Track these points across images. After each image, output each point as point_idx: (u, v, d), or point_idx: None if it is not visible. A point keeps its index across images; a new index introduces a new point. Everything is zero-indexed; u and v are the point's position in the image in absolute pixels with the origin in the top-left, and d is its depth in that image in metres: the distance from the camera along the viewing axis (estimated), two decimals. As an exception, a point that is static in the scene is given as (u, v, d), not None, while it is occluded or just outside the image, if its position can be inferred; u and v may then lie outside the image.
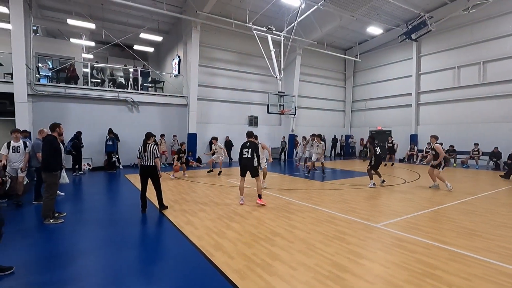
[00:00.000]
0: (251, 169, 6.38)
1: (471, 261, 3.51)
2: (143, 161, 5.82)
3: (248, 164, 6.38)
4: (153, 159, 5.77)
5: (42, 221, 5.15)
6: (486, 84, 15.14)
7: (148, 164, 5.78)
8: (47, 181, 5.25)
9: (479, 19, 15.16)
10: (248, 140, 6.69)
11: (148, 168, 5.79)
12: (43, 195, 5.37)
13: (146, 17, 15.41)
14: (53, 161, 5.26)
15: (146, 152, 5.79)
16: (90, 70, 13.76)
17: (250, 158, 6.34)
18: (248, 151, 6.39)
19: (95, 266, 3.53)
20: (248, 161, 6.36)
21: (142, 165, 5.83)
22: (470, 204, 6.50)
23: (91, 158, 12.70)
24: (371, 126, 21.61)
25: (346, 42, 20.80)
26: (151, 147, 5.81)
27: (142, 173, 5.85)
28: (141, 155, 5.86)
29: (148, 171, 5.80)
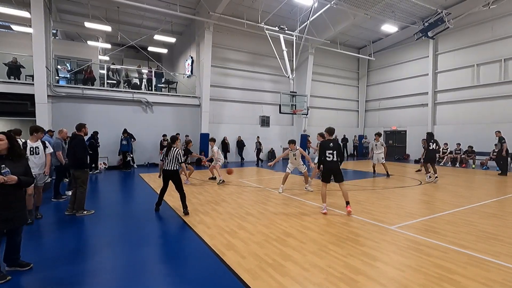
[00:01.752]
0: (336, 173, 5.73)
1: (491, 266, 3.38)
2: (165, 165, 5.67)
3: (334, 168, 5.71)
4: (176, 164, 5.63)
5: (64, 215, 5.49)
6: (508, 83, 14.54)
7: (169, 168, 5.62)
8: (81, 177, 5.61)
9: (500, 15, 14.57)
10: (331, 139, 5.84)
11: (169, 172, 5.63)
12: (78, 190, 5.61)
13: (160, 19, 15.68)
14: (85, 158, 5.70)
15: (169, 156, 5.63)
16: (106, 71, 14.14)
17: (335, 161, 5.70)
18: (333, 153, 5.68)
19: (110, 262, 3.62)
20: (334, 164, 5.71)
21: (164, 169, 5.67)
22: (490, 207, 6.26)
23: (107, 157, 13.04)
24: (386, 126, 21.17)
25: (359, 40, 20.46)
26: (175, 152, 5.64)
27: (164, 177, 5.73)
28: (164, 158, 5.71)
29: (169, 175, 5.66)
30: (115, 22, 15.36)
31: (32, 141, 5.26)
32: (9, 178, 2.90)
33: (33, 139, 5.28)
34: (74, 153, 5.59)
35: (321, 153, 5.82)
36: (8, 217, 2.97)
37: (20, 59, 11.90)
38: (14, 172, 3.00)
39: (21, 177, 3.01)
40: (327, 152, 5.70)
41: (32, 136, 5.26)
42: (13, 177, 2.92)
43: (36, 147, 5.28)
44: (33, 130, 5.33)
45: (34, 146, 5.25)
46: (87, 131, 6.01)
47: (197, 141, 15.20)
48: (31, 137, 5.24)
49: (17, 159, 3.16)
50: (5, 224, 2.96)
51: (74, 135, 5.93)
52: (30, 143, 5.21)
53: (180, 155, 5.68)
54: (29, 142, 5.21)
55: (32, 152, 5.19)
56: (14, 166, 3.06)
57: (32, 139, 5.26)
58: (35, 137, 5.30)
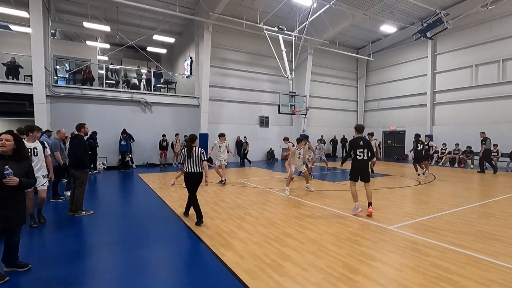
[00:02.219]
0: (364, 173, 5.61)
1: (489, 266, 3.39)
2: (188, 168, 5.07)
3: (364, 167, 5.58)
4: (201, 165, 5.08)
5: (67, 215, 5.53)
6: (507, 83, 14.59)
7: (195, 171, 5.04)
8: (81, 177, 5.60)
9: (498, 16, 14.63)
10: (361, 137, 5.64)
11: (195, 175, 5.06)
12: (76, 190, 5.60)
13: (159, 19, 15.67)
14: (86, 159, 5.66)
15: (192, 157, 5.03)
16: (105, 71, 14.12)
17: (366, 160, 5.54)
18: (364, 152, 5.52)
19: (108, 263, 3.62)
20: (364, 163, 5.57)
21: (188, 173, 5.06)
22: (489, 207, 6.28)
23: (105, 157, 13.01)
24: (385, 126, 21.20)
25: (358, 41, 20.49)
26: (198, 151, 5.06)
27: (189, 182, 5.09)
28: (185, 161, 5.12)
29: (195, 178, 5.08)
30: (114, 22, 15.34)
31: (29, 142, 4.77)
32: (11, 180, 2.89)
33: (30, 139, 4.85)
34: (74, 153, 5.58)
35: (350, 151, 5.66)
36: (7, 217, 2.96)
37: (19, 59, 11.86)
38: (16, 172, 2.99)
39: (22, 179, 3.00)
40: (357, 151, 5.52)
41: (28, 136, 4.84)
42: (15, 179, 2.91)
43: (34, 148, 4.83)
44: (27, 130, 4.85)
45: (32, 147, 4.79)
46: (87, 131, 6.00)
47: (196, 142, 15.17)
48: (28, 138, 4.82)
49: (21, 160, 3.16)
50: (3, 223, 2.95)
51: (75, 135, 5.92)
52: (27, 144, 4.64)
53: (204, 154, 5.14)
54: (26, 143, 4.60)
55: (30, 154, 4.69)
56: (17, 167, 3.05)
57: (28, 139, 4.82)
58: (32, 137, 4.88)
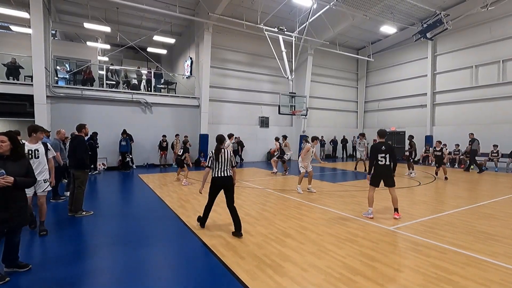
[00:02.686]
0: (388, 178, 5.44)
1: (489, 266, 3.39)
2: (216, 171, 4.56)
3: (386, 172, 5.43)
4: (230, 168, 4.63)
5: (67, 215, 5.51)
6: (506, 84, 14.59)
7: (224, 175, 4.55)
8: (81, 178, 5.60)
9: (498, 16, 14.64)
10: (383, 142, 5.54)
11: (225, 179, 4.56)
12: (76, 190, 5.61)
13: (159, 20, 15.70)
14: (86, 159, 5.66)
15: (221, 159, 4.54)
16: (105, 72, 14.14)
17: (388, 165, 5.42)
18: (385, 157, 5.37)
19: (108, 263, 3.62)
20: (386, 168, 5.42)
21: (217, 177, 4.54)
22: (488, 208, 6.28)
23: (106, 158, 13.02)
24: (385, 127, 21.14)
25: (358, 41, 20.51)
26: (227, 154, 4.62)
27: (217, 186, 4.58)
28: (213, 164, 4.59)
29: (225, 183, 4.56)
30: (114, 22, 15.36)
31: (31, 143, 4.43)
32: (5, 180, 2.88)
33: (33, 140, 4.48)
34: (74, 153, 5.59)
35: (372, 156, 5.54)
36: (6, 218, 2.96)
37: (19, 59, 11.88)
38: (15, 172, 2.99)
39: (17, 178, 2.97)
40: (379, 156, 5.39)
41: (31, 137, 4.49)
42: (10, 179, 2.91)
43: (36, 150, 4.44)
44: (31, 130, 4.50)
45: (34, 148, 4.41)
46: (88, 132, 6.01)
47: (196, 142, 15.20)
48: (30, 139, 4.47)
49: (19, 159, 3.16)
50: (3, 224, 2.96)
51: (75, 136, 5.93)
52: (28, 145, 4.37)
53: (233, 157, 4.74)
54: (28, 144, 4.37)
55: (31, 156, 4.35)
56: (16, 166, 3.06)
57: (31, 140, 4.46)
58: (35, 138, 4.50)
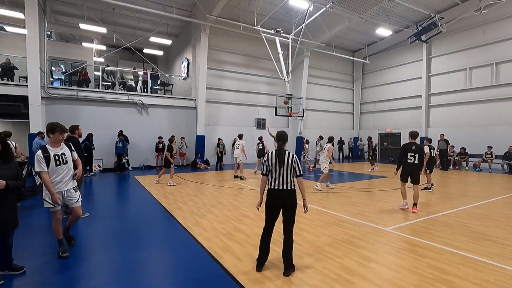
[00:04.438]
0: (414, 175, 6.06)
1: (484, 266, 3.43)
2: (273, 181, 3.31)
3: (413, 170, 6.05)
4: (292, 178, 3.33)
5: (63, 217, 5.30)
6: (500, 86, 14.80)
7: (282, 188, 3.27)
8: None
9: (491, 20, 14.86)
10: (413, 143, 6.15)
11: (282, 193, 3.27)
12: None
13: (156, 21, 15.66)
14: (82, 160, 5.51)
15: (284, 165, 3.27)
16: (101, 73, 14.06)
17: (416, 164, 6.03)
18: (415, 156, 6.02)
19: (105, 265, 3.59)
20: (414, 166, 6.05)
21: (273, 189, 3.30)
22: (483, 208, 6.35)
23: (101, 159, 12.93)
24: (380, 128, 21.36)
25: (354, 43, 20.67)
26: (291, 158, 3.30)
27: (273, 202, 3.31)
28: (271, 171, 3.32)
29: (282, 199, 3.28)
30: (111, 23, 15.31)
31: (53, 147, 3.63)
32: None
33: (54, 143, 3.64)
34: None
35: (402, 155, 6.15)
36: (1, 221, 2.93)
37: (14, 60, 11.78)
38: (6, 175, 2.96)
39: (10, 182, 2.95)
40: (408, 154, 6.03)
41: (50, 140, 3.65)
42: (2, 182, 2.87)
43: (62, 154, 3.64)
44: (49, 130, 3.64)
45: (60, 153, 3.62)
46: (81, 133, 5.96)
47: (193, 143, 15.17)
48: (50, 142, 3.65)
49: (9, 161, 3.12)
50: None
51: (69, 137, 5.88)
52: (52, 150, 3.59)
53: (298, 163, 3.36)
54: (51, 149, 3.60)
55: (58, 162, 3.59)
56: (5, 169, 3.03)
57: (52, 143, 3.64)
58: (55, 140, 3.63)
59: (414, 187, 6.07)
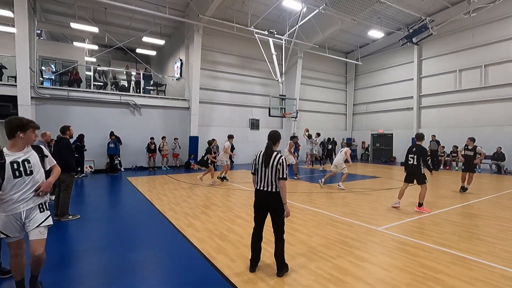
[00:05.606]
0: (416, 176, 6.22)
1: (473, 265, 3.49)
2: (259, 182, 3.30)
3: (413, 171, 6.24)
4: (277, 180, 3.22)
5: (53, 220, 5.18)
6: (488, 88, 15.13)
7: (266, 189, 3.24)
8: (66, 180, 5.46)
9: (480, 23, 15.18)
10: (415, 145, 6.35)
11: (266, 195, 3.24)
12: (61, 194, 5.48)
13: (148, 21, 15.55)
14: (72, 161, 5.54)
15: (268, 167, 3.22)
16: (92, 73, 13.88)
17: (415, 165, 6.17)
18: (414, 158, 6.19)
19: (96, 268, 3.54)
20: (413, 167, 6.22)
21: (259, 190, 3.31)
22: (472, 208, 6.48)
23: (93, 160, 12.75)
24: (373, 129, 21.59)
25: (347, 45, 20.87)
26: (276, 160, 3.22)
27: (258, 203, 3.35)
28: (257, 170, 3.34)
29: (266, 201, 3.26)
30: (103, 23, 15.13)
31: (14, 150, 2.55)
32: None
33: (15, 146, 2.56)
34: (59, 156, 5.46)
35: (405, 157, 6.48)
36: None
37: (2, 59, 11.54)
38: None
39: None
40: (409, 156, 6.30)
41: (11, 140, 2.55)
42: None
43: (25, 161, 2.55)
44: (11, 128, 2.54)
45: (21, 160, 2.53)
46: (72, 133, 5.88)
47: (186, 144, 15.09)
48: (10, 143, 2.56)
49: None
50: None
51: (60, 138, 5.79)
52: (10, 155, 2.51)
53: (284, 164, 3.22)
54: (8, 153, 2.51)
55: (18, 172, 2.50)
56: None
57: (12, 146, 2.55)
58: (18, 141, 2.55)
59: (421, 187, 6.19)
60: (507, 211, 6.19)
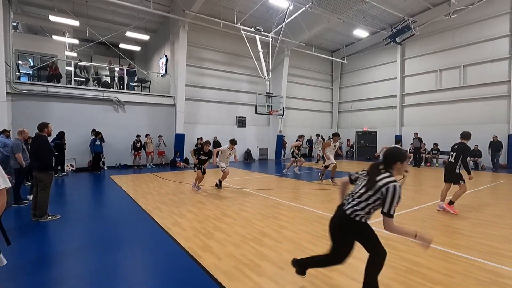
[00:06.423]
0: (449, 175, 5.95)
1: (452, 258, 3.62)
2: (345, 204, 2.53)
3: (448, 168, 5.97)
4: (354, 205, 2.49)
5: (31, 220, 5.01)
6: (467, 87, 15.72)
7: (347, 212, 2.52)
8: (44, 180, 5.27)
9: (460, 24, 15.71)
10: (458, 142, 5.95)
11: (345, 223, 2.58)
12: (39, 194, 5.26)
13: (132, 16, 15.14)
14: (50, 160, 5.36)
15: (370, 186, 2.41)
16: (73, 68, 13.39)
17: (451, 162, 5.84)
18: (452, 155, 5.85)
19: (80, 268, 3.43)
20: (449, 165, 5.96)
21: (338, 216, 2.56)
22: (451, 203, 6.70)
23: (74, 159, 12.35)
24: (358, 127, 22.00)
25: (333, 44, 21.11)
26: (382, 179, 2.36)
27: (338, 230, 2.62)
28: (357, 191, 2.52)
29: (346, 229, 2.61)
30: (84, 16, 14.61)
31: None
32: None
33: None
34: (37, 154, 5.25)
35: None
36: None
37: (-25, 52, 10.93)
38: None
39: None
40: (450, 154, 5.99)
41: None
42: None
43: None
44: None
45: None
46: (51, 131, 5.63)
47: (172, 142, 14.86)
48: None
49: None
50: None
51: (37, 136, 5.56)
52: None
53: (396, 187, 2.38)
54: None
55: None
56: None
57: None
58: None
59: (459, 186, 5.87)
60: (484, 206, 6.46)
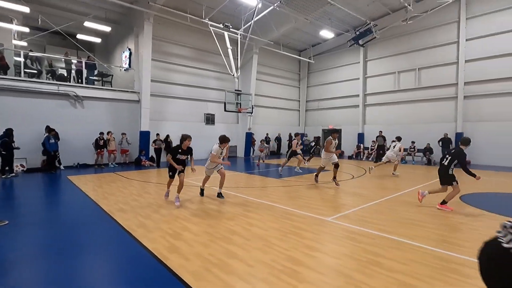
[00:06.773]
0: (441, 177, 6.07)
1: (409, 247, 3.89)
2: None
3: (440, 171, 6.09)
4: None
5: None
6: (421, 89, 17.00)
7: None
8: None
9: (415, 30, 16.89)
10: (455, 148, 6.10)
11: None
12: None
13: (90, 4, 14.14)
14: None
15: None
16: (23, 59, 12.19)
17: (444, 165, 5.97)
18: (446, 158, 5.99)
19: (37, 274, 3.14)
20: (441, 167, 6.06)
21: None
22: (410, 196, 7.21)
23: (25, 158, 11.30)
24: (324, 125, 22.78)
25: (301, 43, 21.58)
26: None
27: None
28: None
29: None
30: (35, 2, 13.34)
31: None
32: None
33: None
34: None
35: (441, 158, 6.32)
36: None
37: None
38: None
39: None
40: (445, 157, 6.09)
41: None
42: None
43: None
44: None
45: None
46: None
47: (136, 140, 14.21)
48: None
49: None
50: None
51: None
52: None
53: None
54: None
55: None
56: None
57: None
58: None
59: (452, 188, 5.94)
60: (437, 198, 7.01)
